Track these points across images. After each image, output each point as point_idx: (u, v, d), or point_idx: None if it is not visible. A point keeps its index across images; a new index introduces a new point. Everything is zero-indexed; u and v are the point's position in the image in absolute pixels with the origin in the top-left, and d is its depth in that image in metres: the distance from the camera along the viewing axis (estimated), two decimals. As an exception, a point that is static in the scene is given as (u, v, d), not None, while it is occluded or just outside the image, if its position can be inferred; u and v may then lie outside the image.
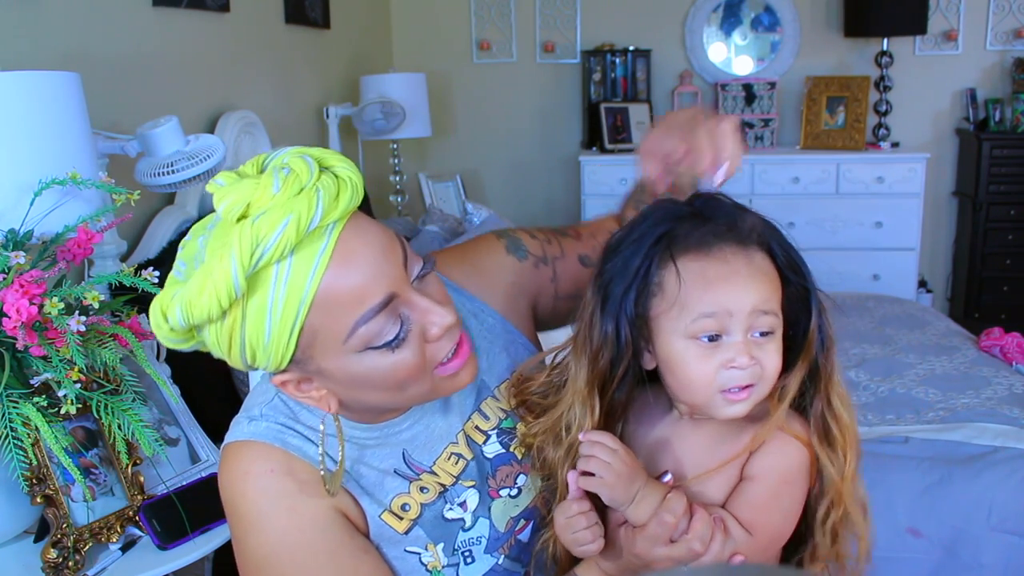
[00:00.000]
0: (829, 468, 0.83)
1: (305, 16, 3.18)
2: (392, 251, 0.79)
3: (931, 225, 4.13)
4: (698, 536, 0.78)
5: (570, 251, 1.08)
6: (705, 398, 0.82)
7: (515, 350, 1.02)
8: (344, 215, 0.76)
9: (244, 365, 0.79)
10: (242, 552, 0.87)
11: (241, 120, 2.51)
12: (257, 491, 0.86)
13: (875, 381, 2.39)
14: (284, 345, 0.76)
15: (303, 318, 0.75)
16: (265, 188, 0.72)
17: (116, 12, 2.04)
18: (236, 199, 0.73)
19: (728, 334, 0.80)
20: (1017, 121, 3.85)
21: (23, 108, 1.33)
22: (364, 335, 0.77)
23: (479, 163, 4.35)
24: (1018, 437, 2.00)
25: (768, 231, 0.83)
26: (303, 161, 0.75)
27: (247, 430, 0.89)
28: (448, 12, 4.27)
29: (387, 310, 0.77)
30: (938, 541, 1.87)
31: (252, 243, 0.71)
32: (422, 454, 0.93)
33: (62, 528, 1.27)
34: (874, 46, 3.98)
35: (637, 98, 4.11)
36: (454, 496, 0.93)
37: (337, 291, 0.75)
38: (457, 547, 0.92)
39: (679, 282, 0.80)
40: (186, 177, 1.75)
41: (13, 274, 1.19)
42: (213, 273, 0.71)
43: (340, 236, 0.75)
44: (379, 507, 0.89)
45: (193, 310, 0.73)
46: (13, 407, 1.20)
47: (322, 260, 0.74)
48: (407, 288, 0.80)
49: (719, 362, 0.80)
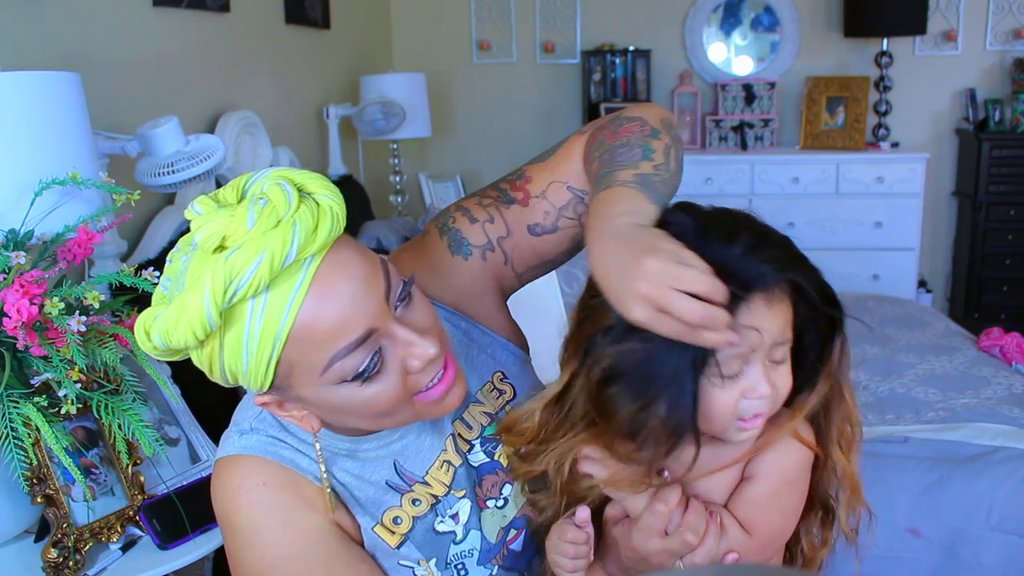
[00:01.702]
0: (843, 462, 0.85)
1: (305, 16, 3.18)
2: (374, 282, 0.77)
3: (931, 225, 4.13)
4: (691, 527, 0.78)
5: (516, 226, 0.99)
6: (723, 427, 0.80)
7: (494, 351, 1.00)
8: (323, 247, 0.74)
9: (226, 384, 0.79)
10: (238, 567, 0.86)
11: (241, 120, 2.51)
12: (251, 505, 0.85)
13: (875, 381, 2.39)
14: (262, 375, 0.75)
15: (279, 352, 0.74)
16: (240, 221, 0.71)
17: (116, 12, 2.04)
18: (212, 231, 0.71)
19: (749, 364, 0.79)
20: (1017, 121, 3.85)
21: (23, 108, 1.33)
22: (340, 370, 0.76)
23: (479, 163, 4.35)
24: (1018, 437, 2.00)
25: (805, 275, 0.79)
26: (281, 190, 0.73)
27: (238, 444, 0.88)
28: (448, 12, 4.27)
29: (365, 345, 0.76)
30: (938, 541, 1.87)
31: (225, 280, 0.70)
32: (414, 464, 0.92)
33: (62, 528, 1.27)
34: (874, 46, 3.98)
35: (637, 98, 4.10)
36: (446, 508, 0.92)
37: (313, 327, 0.73)
38: (449, 561, 0.91)
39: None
40: (186, 177, 1.75)
41: (13, 274, 1.19)
42: (188, 307, 0.71)
43: (318, 270, 0.73)
44: (372, 520, 0.89)
45: (171, 338, 0.73)
46: (13, 407, 1.20)
47: (297, 296, 0.72)
48: (387, 321, 0.77)
49: (739, 392, 0.79)
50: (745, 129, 4.01)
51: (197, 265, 0.72)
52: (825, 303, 0.81)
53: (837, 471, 0.86)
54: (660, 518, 0.79)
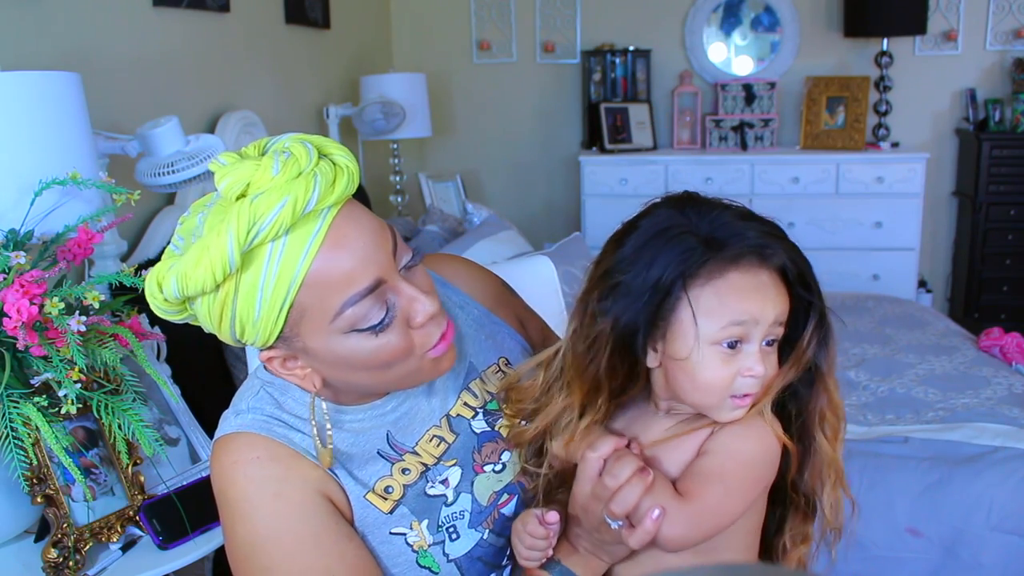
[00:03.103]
0: (827, 449, 0.88)
1: (305, 16, 3.18)
2: (383, 239, 0.83)
3: (931, 225, 4.13)
4: (612, 472, 0.82)
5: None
6: (717, 401, 0.84)
7: (502, 339, 1.06)
8: (339, 201, 0.79)
9: (233, 339, 0.82)
10: (231, 540, 0.89)
11: (241, 120, 2.51)
12: (245, 478, 0.88)
13: (875, 381, 2.39)
14: (273, 321, 0.79)
15: (293, 296, 0.78)
16: (265, 170, 0.76)
17: (116, 12, 2.05)
18: (236, 178, 0.76)
19: (748, 342, 0.82)
20: (1017, 121, 3.85)
21: (23, 108, 1.33)
22: (350, 317, 0.80)
23: (479, 163, 4.35)
24: (1018, 437, 2.00)
25: (786, 253, 0.83)
26: (303, 147, 0.79)
27: (235, 423, 0.91)
28: (448, 12, 4.27)
29: (374, 295, 0.81)
30: (938, 541, 1.87)
31: (249, 221, 0.74)
32: (405, 435, 0.95)
33: (62, 528, 1.27)
34: (874, 46, 3.98)
35: (637, 98, 4.11)
36: (436, 475, 0.95)
37: (327, 272, 0.78)
38: (441, 523, 0.93)
39: (712, 291, 0.81)
40: (186, 177, 1.75)
41: (13, 274, 1.19)
42: (210, 247, 0.75)
43: (334, 221, 0.78)
44: (363, 488, 0.91)
45: (188, 282, 0.76)
46: (14, 407, 1.20)
47: (315, 242, 0.77)
48: (394, 275, 0.83)
49: (737, 369, 0.83)
50: (745, 129, 4.01)
51: (218, 213, 0.77)
52: (803, 287, 0.84)
53: (822, 458, 0.88)
54: (591, 464, 0.84)
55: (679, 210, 0.84)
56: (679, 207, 0.84)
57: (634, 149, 4.02)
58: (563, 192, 4.34)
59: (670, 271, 0.80)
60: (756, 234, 0.82)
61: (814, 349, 0.85)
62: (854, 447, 1.98)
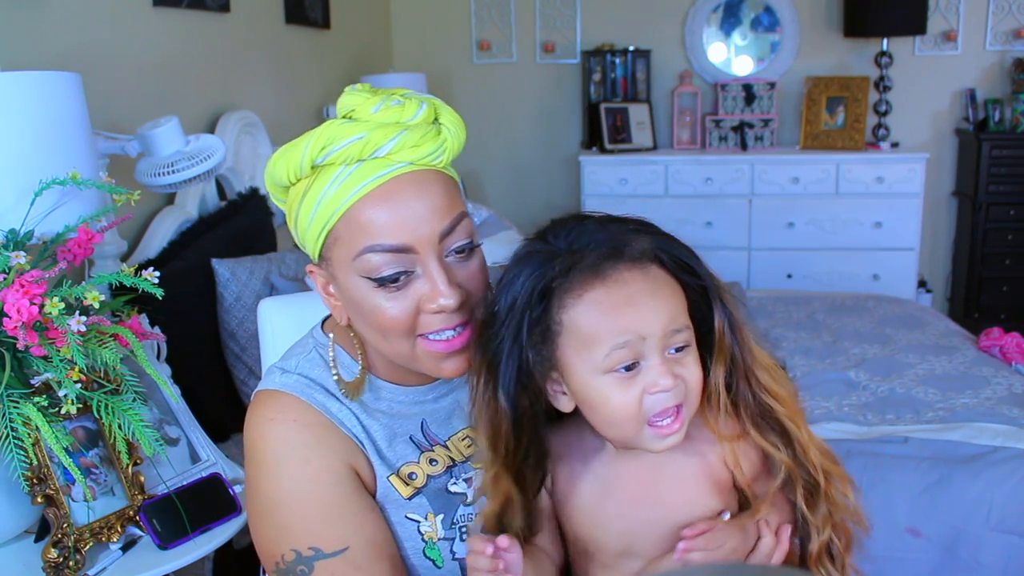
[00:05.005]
0: (776, 454, 0.81)
1: (305, 16, 3.19)
2: (436, 217, 0.84)
3: (931, 225, 4.13)
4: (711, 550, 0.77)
5: None
6: (634, 431, 0.77)
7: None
8: (417, 161, 0.84)
9: (296, 240, 0.90)
10: (254, 494, 0.91)
11: (241, 120, 2.51)
12: (277, 438, 0.90)
13: (875, 381, 2.39)
14: (315, 236, 0.86)
15: (335, 222, 0.84)
16: (370, 104, 0.84)
17: (116, 12, 2.05)
18: (348, 103, 0.85)
19: (645, 359, 0.75)
20: (1016, 121, 3.85)
21: (24, 108, 1.33)
22: (365, 262, 0.83)
23: (479, 163, 4.35)
24: (1018, 437, 2.00)
25: (653, 241, 0.79)
26: (417, 103, 0.85)
27: (279, 380, 0.94)
28: (448, 12, 4.27)
29: (396, 255, 0.83)
30: (938, 541, 1.87)
31: (327, 140, 0.82)
32: (440, 428, 0.96)
33: (62, 528, 1.27)
34: (874, 46, 3.98)
35: (637, 98, 4.11)
36: (461, 472, 0.95)
37: (365, 216, 0.83)
38: (456, 521, 0.94)
39: (582, 317, 0.76)
40: (186, 177, 1.75)
41: (14, 274, 1.19)
42: (295, 147, 0.84)
43: (400, 176, 0.83)
44: (388, 469, 0.92)
45: (275, 167, 0.86)
46: (14, 407, 1.20)
47: (372, 183, 0.82)
48: (429, 252, 0.84)
49: (641, 389, 0.76)
50: (745, 129, 4.01)
51: (325, 125, 0.85)
52: (687, 274, 0.79)
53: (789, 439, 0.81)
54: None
55: (540, 237, 0.81)
56: (541, 235, 0.82)
57: (634, 149, 4.02)
58: (563, 192, 4.34)
59: (531, 282, 0.77)
60: (610, 235, 0.78)
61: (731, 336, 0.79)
62: (854, 447, 1.98)
